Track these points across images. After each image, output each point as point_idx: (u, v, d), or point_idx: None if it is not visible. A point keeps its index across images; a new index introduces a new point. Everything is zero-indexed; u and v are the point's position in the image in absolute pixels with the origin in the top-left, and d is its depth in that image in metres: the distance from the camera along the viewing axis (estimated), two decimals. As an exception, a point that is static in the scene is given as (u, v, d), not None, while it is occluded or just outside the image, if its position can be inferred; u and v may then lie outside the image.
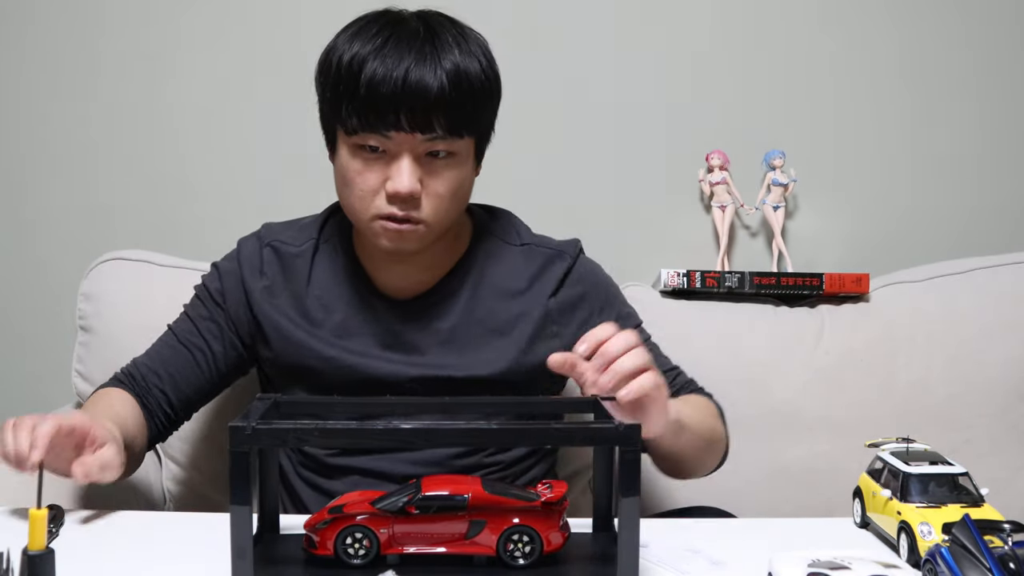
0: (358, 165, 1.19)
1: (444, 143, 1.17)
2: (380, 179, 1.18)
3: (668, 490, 1.65)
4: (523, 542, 0.89)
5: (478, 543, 0.89)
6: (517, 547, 0.89)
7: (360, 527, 0.89)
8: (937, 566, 0.82)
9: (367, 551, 0.88)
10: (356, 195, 1.20)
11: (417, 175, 1.17)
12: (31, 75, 1.94)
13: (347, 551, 0.89)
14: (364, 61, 1.15)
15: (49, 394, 1.86)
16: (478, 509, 0.89)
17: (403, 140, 1.16)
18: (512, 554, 0.89)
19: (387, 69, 1.14)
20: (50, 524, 0.99)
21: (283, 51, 1.91)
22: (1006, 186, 1.91)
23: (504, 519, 0.89)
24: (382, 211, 1.18)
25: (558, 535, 0.90)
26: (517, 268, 1.32)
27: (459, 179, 1.21)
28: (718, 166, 1.82)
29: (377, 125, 1.15)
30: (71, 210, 1.94)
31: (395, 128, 1.15)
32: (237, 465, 0.82)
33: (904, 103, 1.91)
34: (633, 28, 1.90)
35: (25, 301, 1.96)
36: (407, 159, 1.16)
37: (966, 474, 0.98)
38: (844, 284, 1.72)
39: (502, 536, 0.89)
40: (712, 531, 1.09)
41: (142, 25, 1.92)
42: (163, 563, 0.95)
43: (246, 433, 0.82)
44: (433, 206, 1.19)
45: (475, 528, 0.89)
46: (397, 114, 1.14)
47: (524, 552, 0.89)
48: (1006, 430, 1.66)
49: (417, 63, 1.14)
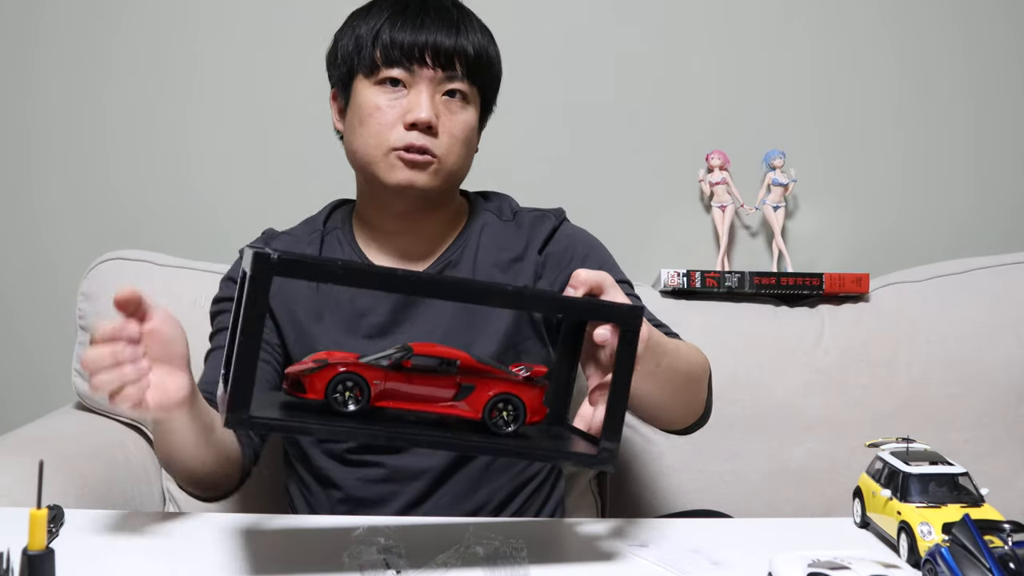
0: (379, 100, 1.25)
1: (461, 83, 1.26)
2: (399, 113, 1.24)
3: (668, 492, 1.65)
4: (508, 410, 0.91)
5: (464, 407, 0.90)
6: (502, 415, 0.91)
7: (352, 375, 0.87)
8: (937, 566, 0.82)
9: (358, 401, 0.87)
10: (374, 130, 1.25)
11: (435, 109, 1.24)
12: (31, 75, 1.94)
13: (337, 398, 0.87)
14: (386, 16, 1.25)
15: (49, 394, 1.87)
16: (467, 374, 0.91)
17: (425, 75, 1.24)
18: (496, 422, 0.91)
19: (413, 16, 1.24)
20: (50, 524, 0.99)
21: (284, 51, 1.92)
22: (1006, 186, 1.92)
23: (491, 386, 0.91)
24: (399, 142, 1.24)
25: (540, 408, 0.93)
26: (511, 237, 1.36)
27: (470, 126, 1.28)
28: (718, 166, 1.82)
29: (402, 59, 1.23)
30: (71, 210, 1.94)
31: (420, 63, 1.23)
32: (255, 290, 0.78)
33: (904, 103, 1.91)
34: (633, 28, 1.90)
35: (25, 301, 1.96)
36: (426, 92, 1.24)
37: (966, 474, 0.98)
38: (844, 284, 1.72)
39: (489, 403, 0.91)
40: (712, 531, 1.09)
41: (143, 27, 1.92)
42: (163, 563, 0.95)
43: (271, 260, 0.79)
44: (447, 144, 1.25)
45: (464, 392, 0.90)
46: (423, 50, 1.23)
47: (508, 420, 0.91)
48: (1006, 430, 1.66)
49: (441, 17, 1.25)
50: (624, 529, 1.08)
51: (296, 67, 1.91)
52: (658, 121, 1.91)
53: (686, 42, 1.91)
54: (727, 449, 1.65)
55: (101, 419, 1.65)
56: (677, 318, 1.69)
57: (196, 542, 1.01)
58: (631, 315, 0.87)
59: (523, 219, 1.39)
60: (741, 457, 1.65)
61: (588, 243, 1.39)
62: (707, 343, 1.66)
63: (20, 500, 1.20)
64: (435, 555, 0.95)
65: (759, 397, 1.66)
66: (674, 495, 1.63)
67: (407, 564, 0.92)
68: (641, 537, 1.01)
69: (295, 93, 1.91)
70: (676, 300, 1.73)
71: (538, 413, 0.93)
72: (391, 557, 0.93)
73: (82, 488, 1.40)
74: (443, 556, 0.94)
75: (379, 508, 1.28)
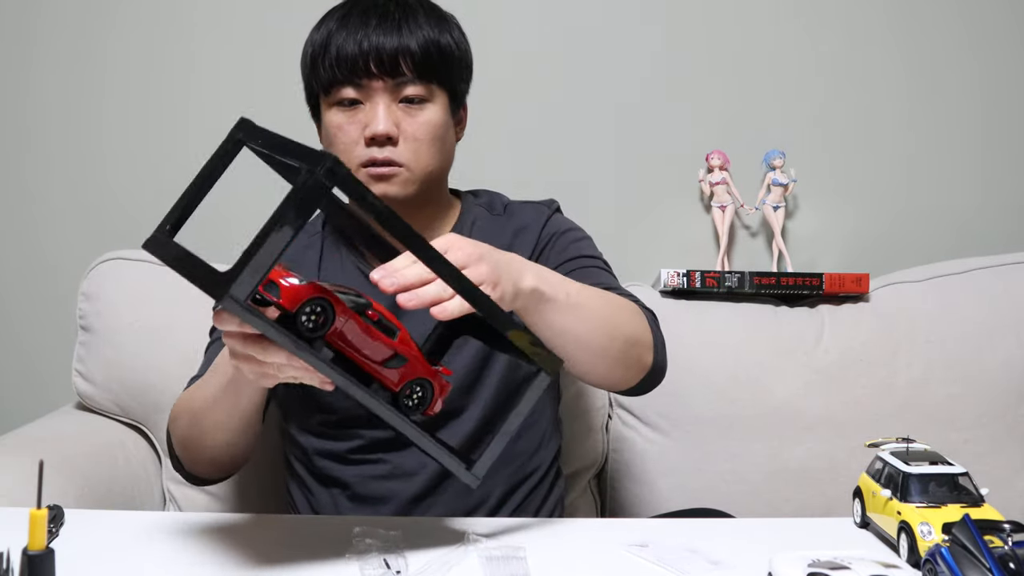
0: (339, 119, 1.27)
1: (414, 88, 1.25)
2: (360, 129, 1.25)
3: (668, 492, 1.65)
4: (418, 394, 0.96)
5: (390, 375, 0.94)
6: (413, 397, 0.96)
7: (328, 304, 0.89)
8: (937, 566, 0.82)
9: (316, 327, 0.89)
10: (340, 150, 1.27)
11: (393, 119, 1.25)
12: (32, 75, 1.94)
13: (305, 317, 0.88)
14: (333, 27, 1.27)
15: (49, 394, 1.86)
16: (405, 347, 0.95)
17: (376, 87, 1.24)
18: (407, 401, 0.96)
19: (355, 27, 1.25)
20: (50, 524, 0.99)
21: (284, 52, 1.91)
22: (1006, 186, 1.92)
23: (419, 368, 0.96)
24: (364, 158, 1.25)
25: (439, 403, 0.99)
26: (501, 229, 1.36)
27: (434, 125, 1.27)
28: (718, 166, 1.82)
29: (349, 76, 1.24)
30: (71, 210, 1.94)
31: (366, 75, 1.24)
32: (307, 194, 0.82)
33: (904, 103, 1.91)
34: (633, 28, 1.90)
35: (25, 301, 1.96)
36: (381, 104, 1.24)
37: (966, 474, 0.98)
38: (844, 284, 1.72)
39: (412, 381, 0.95)
40: (712, 531, 1.09)
41: (144, 27, 1.92)
42: (163, 563, 0.95)
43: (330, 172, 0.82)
44: (411, 149, 1.25)
45: (397, 361, 0.94)
46: (367, 61, 1.23)
47: (415, 403, 0.96)
48: (1006, 430, 1.66)
49: (381, 21, 1.25)
50: (624, 529, 1.09)
51: (295, 67, 1.90)
52: (658, 121, 1.91)
53: (686, 42, 1.91)
54: (727, 449, 1.65)
55: (101, 419, 1.66)
56: (677, 318, 1.69)
57: (196, 542, 1.01)
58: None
59: (513, 211, 1.39)
60: (741, 457, 1.65)
61: (566, 224, 1.39)
62: (707, 343, 1.68)
63: (20, 500, 1.20)
64: (435, 554, 0.95)
65: (759, 397, 1.66)
66: (674, 495, 1.63)
67: (407, 563, 0.92)
68: (641, 537, 1.01)
69: (294, 93, 1.91)
70: (676, 300, 1.73)
71: (434, 408, 0.98)
72: (391, 556, 0.93)
73: (82, 488, 1.40)
74: (443, 555, 0.95)
75: (380, 506, 1.29)
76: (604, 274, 1.32)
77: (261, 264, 0.83)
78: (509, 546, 0.96)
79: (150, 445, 1.66)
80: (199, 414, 1.18)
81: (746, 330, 1.70)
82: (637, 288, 1.74)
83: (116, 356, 1.63)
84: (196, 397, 1.21)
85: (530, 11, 1.89)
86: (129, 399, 1.63)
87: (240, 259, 0.84)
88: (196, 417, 1.19)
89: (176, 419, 1.24)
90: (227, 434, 1.18)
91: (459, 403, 1.27)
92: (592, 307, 1.12)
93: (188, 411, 1.21)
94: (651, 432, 1.67)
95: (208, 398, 1.16)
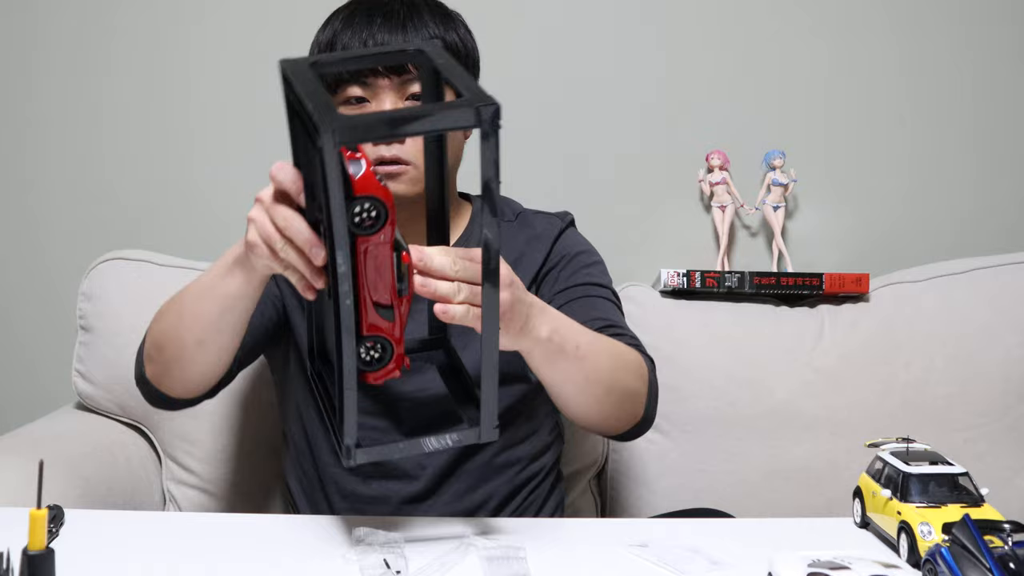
0: None
1: (419, 85, 1.22)
2: None
3: (668, 492, 1.65)
4: (377, 349, 0.94)
5: (371, 316, 0.92)
6: (372, 349, 0.94)
7: (385, 213, 0.90)
8: (937, 566, 0.82)
9: (362, 224, 0.89)
10: None
11: None
12: (32, 75, 1.94)
13: (361, 208, 0.89)
14: (339, 27, 1.27)
15: (49, 394, 1.87)
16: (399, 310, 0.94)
17: (382, 85, 1.24)
18: (366, 350, 0.94)
19: (360, 26, 1.25)
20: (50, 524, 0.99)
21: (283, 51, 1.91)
22: (1006, 186, 1.92)
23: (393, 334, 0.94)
24: (371, 156, 1.23)
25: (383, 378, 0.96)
26: (513, 237, 1.36)
27: None
28: (718, 166, 1.82)
29: (355, 74, 1.24)
30: (71, 210, 1.94)
31: (372, 73, 1.23)
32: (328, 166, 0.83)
33: (904, 103, 1.91)
34: (633, 28, 1.90)
35: (25, 301, 1.96)
36: (388, 102, 1.24)
37: (966, 474, 0.98)
38: (844, 284, 1.72)
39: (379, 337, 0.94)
40: (712, 531, 1.09)
41: (144, 27, 1.92)
42: (163, 563, 0.95)
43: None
44: (419, 147, 1.24)
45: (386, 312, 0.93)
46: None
47: (372, 356, 0.94)
48: (1006, 430, 1.66)
49: (386, 20, 1.24)
50: (624, 529, 1.09)
51: (296, 67, 1.91)
52: (658, 121, 1.91)
53: (686, 42, 1.91)
54: (727, 449, 1.65)
55: (101, 419, 1.66)
56: (677, 318, 1.69)
57: (196, 542, 1.01)
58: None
59: (527, 220, 1.39)
60: (741, 457, 1.65)
61: (579, 244, 1.38)
62: (707, 343, 1.68)
63: (20, 500, 1.20)
64: (435, 554, 0.95)
65: (759, 397, 1.66)
66: (674, 495, 1.63)
67: (407, 563, 0.92)
68: (641, 537, 1.01)
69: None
70: (676, 300, 1.73)
71: (378, 378, 0.95)
72: (391, 556, 0.93)
73: (82, 488, 1.40)
74: (443, 555, 0.95)
75: (380, 505, 1.28)
76: (610, 307, 1.32)
77: (372, 129, 0.85)
78: (509, 546, 0.96)
79: (150, 445, 1.67)
80: (183, 303, 1.15)
81: (746, 330, 1.70)
82: (637, 288, 1.74)
83: (116, 356, 1.63)
84: (185, 290, 1.17)
85: (530, 11, 1.89)
86: (129, 399, 1.63)
87: (364, 116, 0.87)
88: (179, 306, 1.15)
89: (159, 315, 1.21)
90: (205, 329, 1.13)
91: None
92: (598, 360, 1.12)
93: (174, 302, 1.18)
94: (651, 432, 1.65)
95: (199, 288, 1.13)
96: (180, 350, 1.15)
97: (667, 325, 1.69)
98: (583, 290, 1.31)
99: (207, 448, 1.62)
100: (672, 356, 1.66)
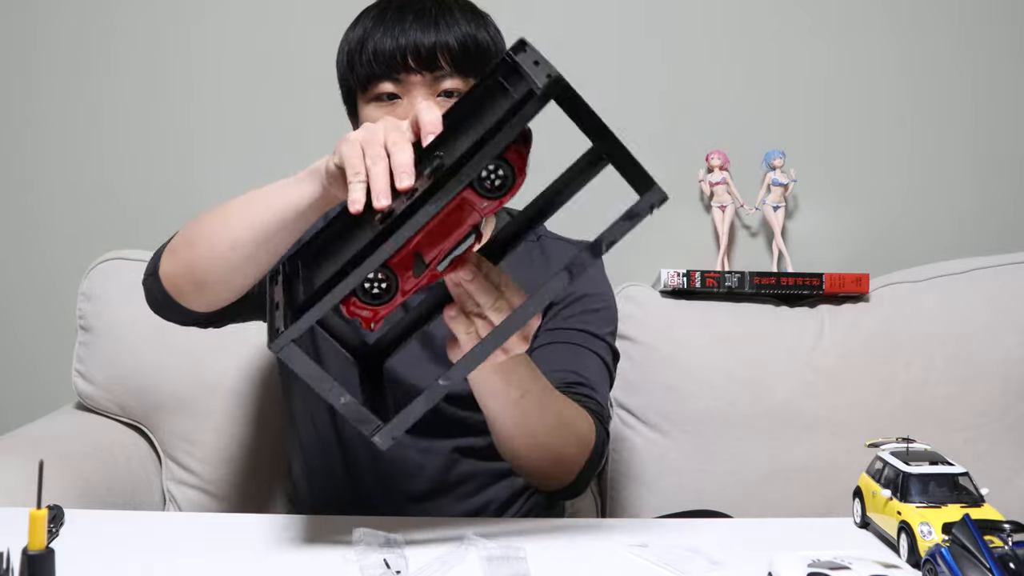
0: (377, 115, 1.23)
1: (452, 81, 1.23)
2: None
3: (668, 492, 1.65)
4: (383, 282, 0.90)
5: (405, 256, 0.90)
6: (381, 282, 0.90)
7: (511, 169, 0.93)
8: (937, 566, 0.82)
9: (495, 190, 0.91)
10: None
11: None
12: (32, 74, 1.94)
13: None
14: (369, 25, 1.25)
15: (49, 394, 1.86)
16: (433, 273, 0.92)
17: (414, 81, 1.23)
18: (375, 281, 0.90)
19: (392, 23, 1.24)
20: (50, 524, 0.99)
21: (285, 52, 1.92)
22: (1006, 186, 1.91)
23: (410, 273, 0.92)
24: None
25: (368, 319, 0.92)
26: (530, 258, 1.35)
27: None
28: (718, 166, 1.82)
29: (387, 70, 1.23)
30: (71, 210, 1.94)
31: (404, 70, 1.22)
32: None
33: (904, 103, 1.91)
34: (634, 28, 1.90)
35: (25, 301, 1.96)
36: (420, 98, 1.22)
37: (966, 474, 0.98)
38: (844, 284, 1.72)
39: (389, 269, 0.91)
40: (712, 531, 1.09)
41: (144, 27, 1.92)
42: (163, 563, 0.95)
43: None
44: None
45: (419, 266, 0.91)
46: (404, 55, 1.22)
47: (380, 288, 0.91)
48: (1006, 430, 1.66)
49: (418, 17, 1.24)
50: (624, 529, 1.09)
51: (296, 66, 1.91)
52: (658, 121, 1.90)
53: (687, 42, 1.91)
54: (727, 449, 1.65)
55: (101, 419, 1.66)
56: (677, 318, 1.69)
57: (196, 542, 1.01)
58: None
59: (547, 245, 1.37)
60: (741, 457, 1.65)
61: (591, 284, 1.35)
62: (707, 343, 1.68)
63: (20, 500, 1.20)
64: (435, 554, 0.95)
65: (759, 397, 1.66)
66: (674, 495, 1.63)
67: (407, 563, 0.92)
68: (641, 537, 1.01)
69: (295, 92, 1.91)
70: (676, 300, 1.73)
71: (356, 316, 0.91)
72: (391, 556, 0.93)
73: (82, 488, 1.40)
74: (443, 555, 0.94)
75: (382, 505, 1.28)
76: (593, 362, 1.28)
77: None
78: (509, 546, 0.96)
79: (150, 445, 1.67)
80: (232, 203, 1.10)
81: (746, 330, 1.70)
82: (637, 288, 1.74)
83: (116, 356, 1.63)
84: (238, 197, 1.12)
85: (530, 11, 1.89)
86: (129, 399, 1.64)
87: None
88: (226, 207, 1.11)
89: (201, 216, 1.14)
90: (245, 233, 1.06)
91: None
92: (538, 414, 1.09)
93: (221, 205, 1.12)
94: (651, 432, 1.67)
95: (255, 193, 1.08)
96: (210, 249, 1.09)
97: (667, 325, 1.69)
98: (574, 336, 1.29)
99: (207, 448, 1.63)
100: (672, 356, 1.66)
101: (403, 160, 0.89)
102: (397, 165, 0.89)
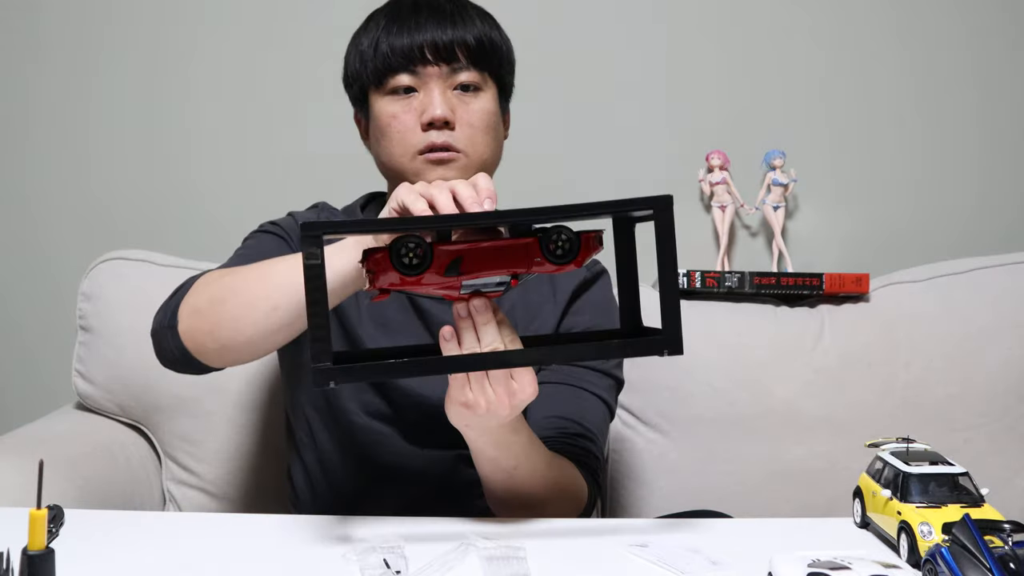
0: (393, 108, 1.26)
1: (469, 74, 1.26)
2: (415, 116, 1.25)
3: (668, 492, 1.65)
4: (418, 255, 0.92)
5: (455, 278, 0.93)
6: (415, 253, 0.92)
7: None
8: (937, 566, 0.82)
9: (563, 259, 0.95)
10: (396, 139, 1.26)
11: (449, 104, 1.24)
12: (32, 74, 1.94)
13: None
14: (383, 23, 1.27)
15: (49, 394, 1.87)
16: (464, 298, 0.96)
17: (431, 74, 1.25)
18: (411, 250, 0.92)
19: (406, 20, 1.26)
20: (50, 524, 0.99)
21: (284, 52, 1.92)
22: (1006, 186, 1.92)
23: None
24: (422, 144, 1.24)
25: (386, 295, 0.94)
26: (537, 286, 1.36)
27: (488, 112, 1.28)
28: (718, 166, 1.82)
29: (404, 63, 1.24)
30: (71, 210, 1.94)
31: (421, 62, 1.24)
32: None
33: (904, 103, 1.91)
34: (634, 28, 1.90)
35: (25, 301, 1.96)
36: (437, 90, 1.24)
37: (966, 474, 0.98)
38: (844, 284, 1.71)
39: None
40: (712, 531, 1.09)
41: (144, 27, 1.92)
42: (163, 563, 0.95)
43: None
44: (467, 136, 1.25)
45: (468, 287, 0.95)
46: (422, 49, 1.24)
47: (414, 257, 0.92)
48: (1006, 430, 1.66)
49: (433, 14, 1.26)
50: (624, 529, 1.09)
51: (296, 65, 1.91)
52: (658, 121, 1.91)
53: (686, 41, 1.91)
54: (727, 449, 1.65)
55: (101, 419, 1.66)
56: (677, 318, 1.69)
57: (196, 542, 1.01)
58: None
59: None
60: (741, 457, 1.65)
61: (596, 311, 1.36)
62: (707, 343, 1.68)
63: (20, 500, 1.20)
64: (435, 554, 0.95)
65: (759, 397, 1.66)
66: (674, 495, 1.63)
67: (407, 563, 0.92)
68: (641, 537, 1.01)
69: (296, 92, 1.91)
70: (676, 300, 1.72)
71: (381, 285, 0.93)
72: (391, 556, 0.93)
73: (82, 488, 1.40)
74: (443, 555, 0.94)
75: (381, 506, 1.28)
76: (593, 404, 1.29)
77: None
78: (509, 546, 0.96)
79: (150, 445, 1.67)
80: (271, 267, 1.09)
81: (746, 330, 1.70)
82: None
83: (116, 356, 1.63)
84: (274, 261, 1.10)
85: (530, 11, 1.89)
86: (129, 399, 1.64)
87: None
88: (263, 270, 1.09)
89: (224, 274, 1.12)
90: (289, 297, 1.05)
91: None
92: (529, 485, 1.11)
93: (253, 267, 1.11)
94: (651, 432, 1.67)
95: (296, 259, 1.05)
96: (246, 309, 1.07)
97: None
98: (578, 374, 1.30)
99: (207, 448, 1.63)
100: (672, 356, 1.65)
101: (486, 185, 0.97)
102: (483, 188, 0.96)
